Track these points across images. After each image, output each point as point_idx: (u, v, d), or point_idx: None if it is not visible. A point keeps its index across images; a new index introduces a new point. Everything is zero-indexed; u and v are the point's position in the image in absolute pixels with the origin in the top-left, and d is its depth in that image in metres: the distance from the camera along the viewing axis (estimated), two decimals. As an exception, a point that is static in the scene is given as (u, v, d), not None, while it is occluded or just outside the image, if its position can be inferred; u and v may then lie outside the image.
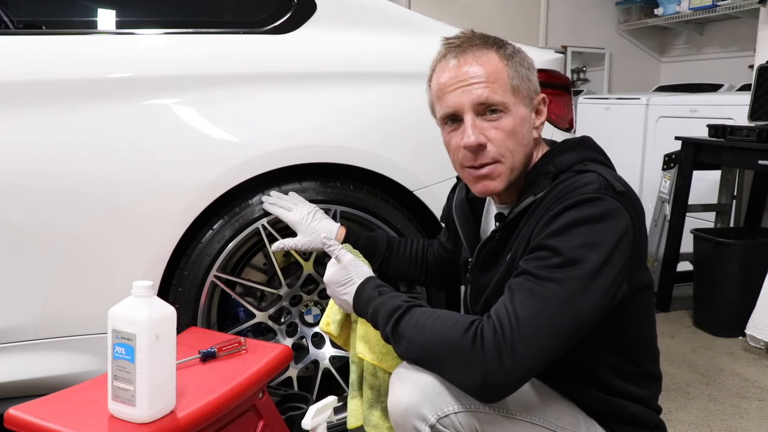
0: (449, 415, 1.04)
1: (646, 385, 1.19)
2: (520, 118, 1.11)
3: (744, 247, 2.68)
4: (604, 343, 1.11)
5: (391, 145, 1.64)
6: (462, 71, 1.11)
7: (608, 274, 1.00)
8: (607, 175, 1.06)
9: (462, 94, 1.11)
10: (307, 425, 1.27)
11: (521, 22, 4.80)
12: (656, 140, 3.60)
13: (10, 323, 1.45)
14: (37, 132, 1.43)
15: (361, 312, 1.19)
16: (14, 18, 1.52)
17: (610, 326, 1.08)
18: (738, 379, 2.28)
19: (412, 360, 1.07)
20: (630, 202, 1.05)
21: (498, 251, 1.17)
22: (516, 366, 0.96)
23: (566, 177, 1.08)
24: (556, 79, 1.82)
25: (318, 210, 1.52)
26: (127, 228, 1.48)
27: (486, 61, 1.11)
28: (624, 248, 1.02)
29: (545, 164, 1.13)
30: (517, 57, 1.14)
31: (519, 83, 1.12)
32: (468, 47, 1.13)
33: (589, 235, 1.00)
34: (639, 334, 1.16)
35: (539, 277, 1.00)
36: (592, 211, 1.01)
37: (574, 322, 0.99)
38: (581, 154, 1.13)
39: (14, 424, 1.11)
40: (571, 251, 0.99)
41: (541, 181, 1.11)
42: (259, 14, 1.67)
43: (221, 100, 1.54)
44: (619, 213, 1.02)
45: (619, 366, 1.14)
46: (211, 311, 1.66)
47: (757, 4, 3.47)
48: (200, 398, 1.17)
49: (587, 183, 1.04)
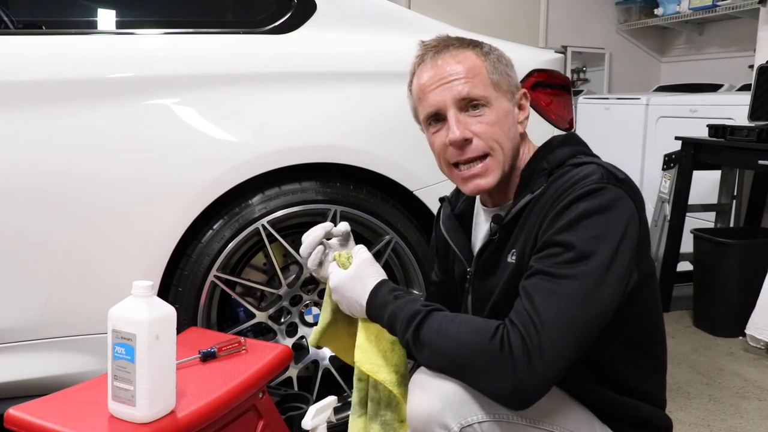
0: (473, 424, 1.01)
1: (657, 378, 1.18)
2: (503, 111, 1.12)
3: (744, 247, 2.68)
4: (616, 337, 1.09)
5: (391, 145, 1.64)
6: (441, 70, 1.11)
7: (621, 262, 1.00)
8: (607, 165, 1.06)
9: (443, 92, 1.10)
10: (307, 425, 1.27)
11: (521, 22, 4.80)
12: (656, 140, 3.60)
13: (10, 323, 1.45)
14: (38, 132, 1.43)
15: (375, 317, 1.14)
16: (14, 18, 1.52)
17: (624, 317, 1.06)
18: (738, 379, 2.28)
19: (438, 369, 1.04)
20: (631, 188, 1.05)
21: (497, 255, 1.16)
22: (546, 369, 0.95)
23: (563, 172, 1.08)
24: (556, 79, 1.82)
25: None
26: (128, 228, 1.48)
27: (463, 59, 1.11)
28: (632, 235, 1.02)
29: (538, 162, 1.13)
30: (494, 54, 1.15)
31: (498, 78, 1.12)
32: (444, 47, 1.13)
33: (599, 225, 0.99)
34: (652, 322, 1.15)
35: (555, 275, 0.98)
36: (599, 201, 1.00)
37: (596, 315, 0.98)
38: (573, 149, 1.13)
39: (14, 424, 1.11)
40: (584, 244, 0.98)
41: (537, 179, 1.10)
42: (259, 14, 1.67)
43: (221, 100, 1.54)
44: (623, 200, 1.02)
45: (634, 359, 1.13)
46: (211, 311, 1.66)
47: (757, 4, 3.47)
48: (200, 398, 1.17)
49: (589, 174, 1.04)
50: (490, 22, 4.54)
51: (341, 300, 1.20)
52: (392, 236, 1.66)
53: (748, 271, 2.62)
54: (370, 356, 1.17)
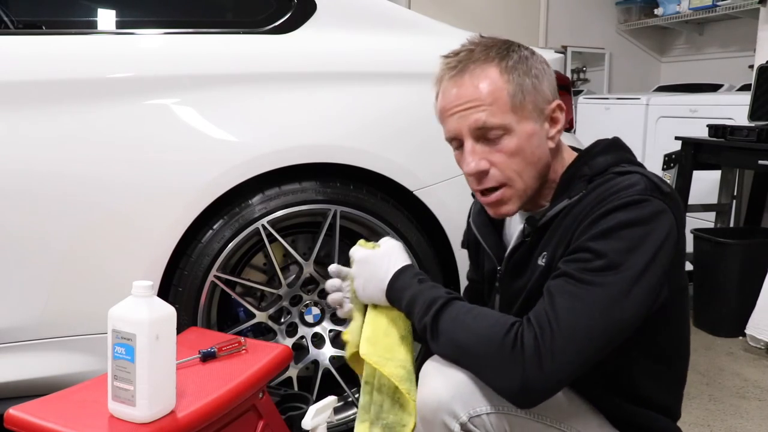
0: (481, 415, 1.02)
1: (676, 392, 1.16)
2: (525, 135, 1.06)
3: (744, 247, 2.68)
4: (643, 348, 1.08)
5: (391, 145, 1.64)
6: (458, 95, 1.06)
7: (650, 278, 0.97)
8: (652, 176, 1.03)
9: (460, 120, 1.06)
10: (307, 425, 1.27)
11: (521, 22, 4.80)
12: (656, 140, 3.60)
13: (10, 323, 1.45)
14: (38, 132, 1.43)
15: (394, 299, 1.13)
16: (14, 18, 1.52)
17: (650, 331, 1.04)
18: (738, 379, 2.28)
19: (449, 358, 1.05)
20: (675, 203, 1.02)
21: (528, 256, 1.13)
22: (555, 371, 0.94)
23: (606, 179, 1.04)
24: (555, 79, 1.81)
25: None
26: (128, 228, 1.48)
27: (484, 81, 1.05)
28: (668, 251, 0.99)
29: (580, 167, 1.09)
30: (522, 66, 1.07)
31: (523, 98, 1.06)
32: (465, 66, 1.07)
33: (634, 238, 0.97)
34: (678, 337, 1.13)
35: (580, 280, 0.96)
36: (639, 213, 0.98)
37: (615, 326, 0.96)
38: (617, 156, 1.09)
39: (14, 424, 1.11)
40: (616, 255, 0.96)
41: (576, 184, 1.07)
42: (260, 14, 1.67)
43: (221, 100, 1.54)
44: (664, 215, 0.99)
45: (656, 372, 1.11)
46: (211, 311, 1.66)
47: (757, 4, 3.47)
48: (200, 398, 1.17)
49: (633, 184, 1.01)
50: (489, 22, 4.54)
51: (360, 275, 1.17)
52: (392, 236, 1.66)
53: (748, 271, 2.62)
54: (378, 349, 1.17)
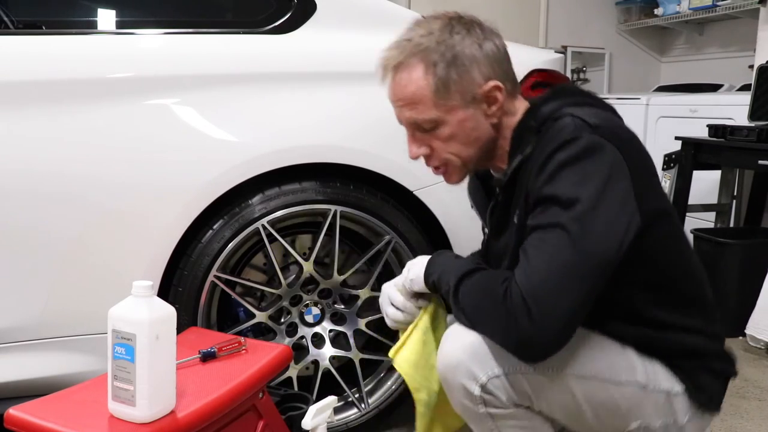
0: (500, 376, 1.06)
1: (696, 311, 1.15)
2: (457, 122, 1.12)
3: (744, 247, 2.68)
4: (639, 280, 1.10)
5: (391, 145, 1.63)
6: (393, 92, 1.16)
7: (610, 204, 1.00)
8: (581, 114, 1.06)
9: (399, 113, 1.17)
10: (307, 425, 1.27)
11: (521, 22, 4.80)
12: (656, 140, 3.60)
13: (10, 323, 1.45)
14: (38, 132, 1.43)
15: (428, 274, 1.19)
16: (14, 18, 1.52)
17: (638, 261, 1.06)
18: (738, 379, 2.26)
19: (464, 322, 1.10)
20: (609, 132, 1.05)
21: (505, 215, 1.18)
22: (546, 317, 0.97)
23: (546, 127, 1.09)
24: (556, 79, 1.82)
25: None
26: (127, 228, 1.48)
27: (408, 82, 1.12)
28: (618, 178, 1.02)
29: (527, 121, 1.14)
30: (446, 58, 1.09)
31: (447, 91, 1.10)
32: (394, 66, 1.13)
33: (577, 172, 1.01)
34: (675, 260, 1.13)
35: (544, 227, 1.01)
36: (574, 150, 1.02)
37: (589, 261, 0.99)
38: (561, 101, 1.13)
39: (14, 424, 1.11)
40: (564, 193, 1.00)
41: (527, 138, 1.11)
42: (260, 14, 1.67)
43: (221, 100, 1.54)
44: (600, 146, 1.02)
45: (664, 298, 1.12)
46: (211, 311, 1.66)
47: (757, 4, 3.47)
48: (200, 398, 1.17)
49: (564, 126, 1.05)
50: (489, 22, 4.53)
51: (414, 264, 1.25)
52: (392, 236, 1.66)
53: (748, 271, 2.62)
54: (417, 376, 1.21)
